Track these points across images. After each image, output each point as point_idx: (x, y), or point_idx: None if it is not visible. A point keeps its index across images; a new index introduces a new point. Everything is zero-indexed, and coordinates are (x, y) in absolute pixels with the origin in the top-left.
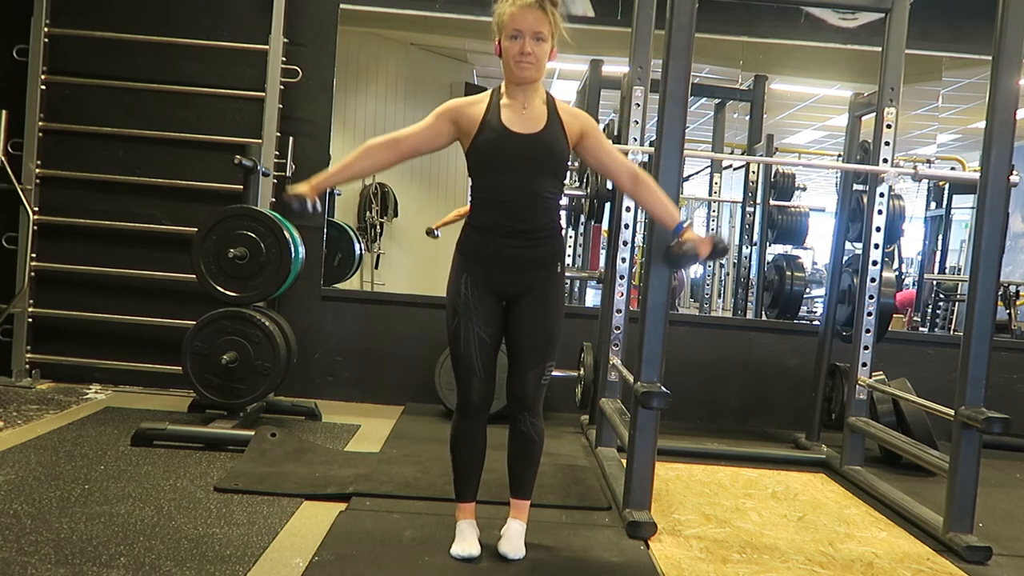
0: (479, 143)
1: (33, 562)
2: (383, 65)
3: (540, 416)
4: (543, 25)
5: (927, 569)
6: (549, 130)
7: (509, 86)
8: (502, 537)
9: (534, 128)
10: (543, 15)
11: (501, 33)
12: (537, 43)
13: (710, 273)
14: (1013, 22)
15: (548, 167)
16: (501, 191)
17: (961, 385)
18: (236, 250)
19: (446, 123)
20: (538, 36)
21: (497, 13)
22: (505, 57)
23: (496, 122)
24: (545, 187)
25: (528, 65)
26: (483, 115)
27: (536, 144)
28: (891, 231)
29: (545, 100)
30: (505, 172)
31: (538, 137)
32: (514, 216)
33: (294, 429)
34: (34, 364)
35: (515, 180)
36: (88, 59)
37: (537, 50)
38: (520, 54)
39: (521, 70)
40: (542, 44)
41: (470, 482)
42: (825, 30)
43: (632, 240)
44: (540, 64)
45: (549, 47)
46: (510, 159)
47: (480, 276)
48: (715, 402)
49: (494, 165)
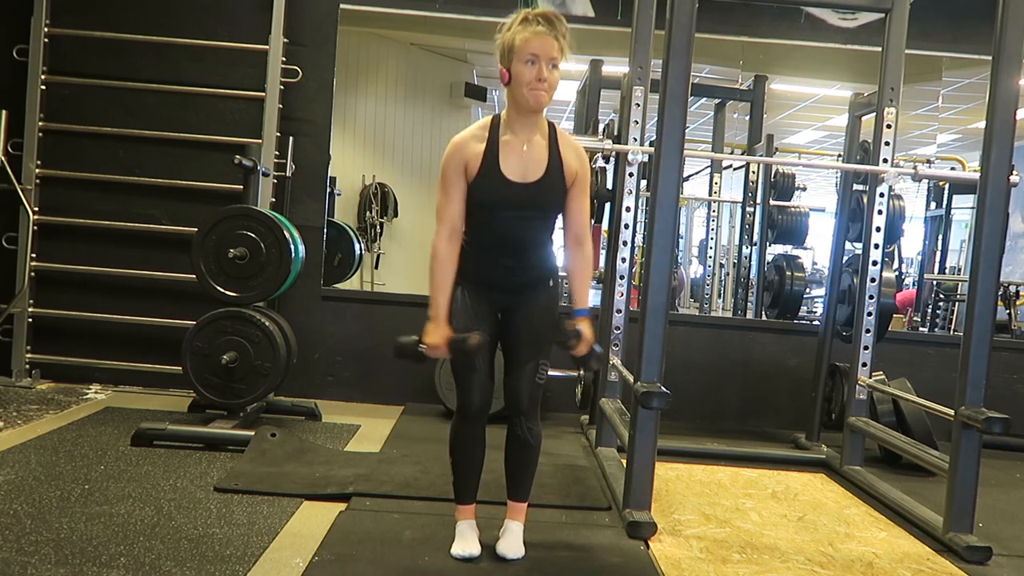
0: (476, 186)
1: (33, 562)
2: (383, 65)
3: (537, 420)
4: (556, 52)
5: (927, 569)
6: (548, 176)
7: (511, 117)
8: (500, 538)
9: (533, 176)
10: (556, 43)
11: (511, 59)
12: (551, 70)
13: (710, 273)
14: (1013, 22)
15: (544, 213)
16: (494, 231)
17: (961, 385)
18: (236, 250)
19: (461, 175)
20: (552, 63)
21: (506, 38)
22: (516, 83)
23: (494, 168)
24: (538, 227)
25: (544, 92)
26: (484, 154)
27: (533, 194)
28: (891, 231)
29: (547, 135)
30: (498, 217)
31: (536, 187)
32: (505, 252)
33: (294, 429)
34: (34, 364)
35: (508, 224)
36: (88, 59)
37: (551, 77)
38: (537, 80)
39: (536, 97)
40: (555, 72)
41: (470, 484)
42: (825, 30)
43: (632, 240)
44: (552, 92)
45: (559, 75)
46: (505, 206)
47: (474, 290)
48: (715, 402)
49: (490, 210)
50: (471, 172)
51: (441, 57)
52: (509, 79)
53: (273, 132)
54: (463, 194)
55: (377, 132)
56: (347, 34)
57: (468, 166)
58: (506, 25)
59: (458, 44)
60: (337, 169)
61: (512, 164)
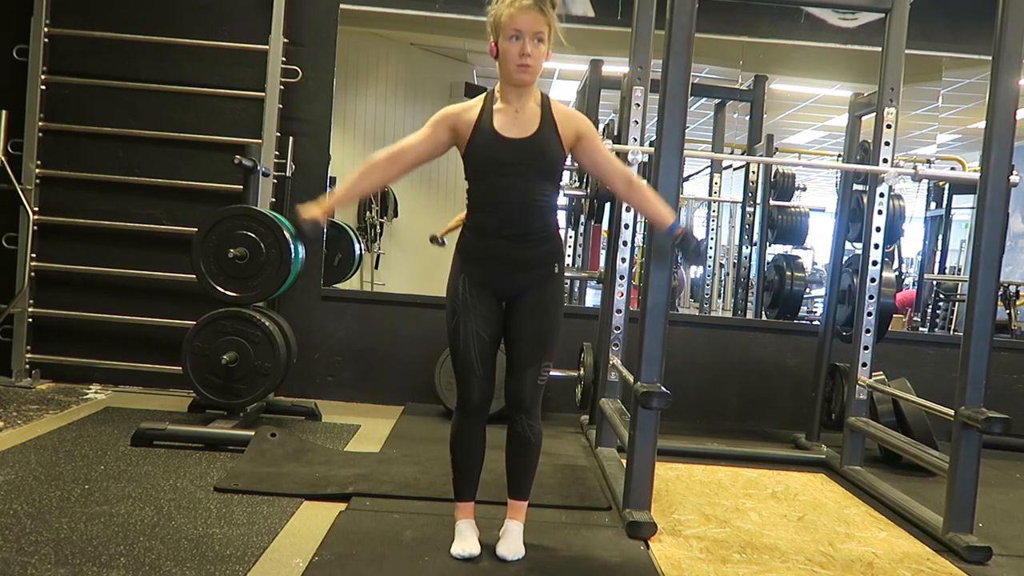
0: (472, 148)
1: (33, 562)
2: (383, 65)
3: (538, 418)
4: (542, 26)
5: (927, 569)
6: (541, 133)
7: (504, 88)
8: (500, 538)
9: (526, 132)
10: (542, 16)
11: (498, 34)
12: (537, 44)
13: (710, 273)
14: (1013, 22)
15: (540, 170)
16: (494, 195)
17: (961, 385)
18: (236, 250)
19: (444, 130)
20: (538, 37)
21: (493, 13)
22: (503, 59)
23: (488, 127)
24: (538, 190)
25: (528, 67)
26: (476, 120)
27: (527, 148)
28: (891, 231)
29: (540, 102)
30: (497, 176)
31: (529, 141)
32: (507, 219)
33: (294, 429)
34: (34, 364)
35: (507, 184)
36: (88, 59)
37: (536, 52)
38: (521, 56)
39: (521, 72)
40: (541, 46)
41: (470, 482)
42: (825, 30)
43: (632, 240)
44: (539, 66)
45: (547, 48)
46: (502, 164)
47: (478, 277)
48: (715, 402)
49: (487, 170)
50: (462, 138)
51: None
52: (497, 53)
53: (273, 132)
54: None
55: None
56: (347, 34)
57: (458, 131)
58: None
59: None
60: (337, 169)
61: (505, 124)
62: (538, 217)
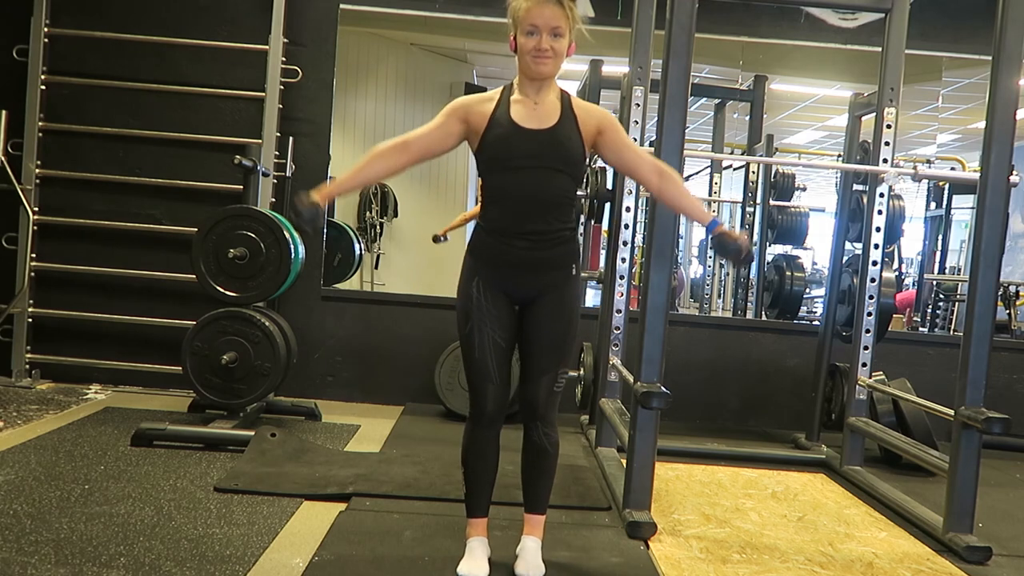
0: (488, 140)
1: (33, 562)
2: (383, 65)
3: (554, 426)
4: (560, 20)
5: (927, 569)
6: (561, 126)
7: (523, 82)
8: (518, 557)
9: (545, 124)
10: (560, 10)
11: (516, 28)
12: (555, 39)
13: (710, 273)
14: (1013, 22)
15: (560, 164)
16: (511, 190)
17: (961, 385)
18: (236, 250)
19: (456, 122)
20: (555, 32)
21: (512, 7)
22: (521, 52)
23: (506, 118)
24: (557, 186)
25: (546, 60)
26: (492, 112)
27: (546, 140)
28: (891, 231)
29: (559, 96)
30: (515, 170)
31: (549, 133)
32: (525, 216)
33: (294, 429)
34: (34, 364)
35: (525, 178)
36: (88, 59)
37: (556, 46)
38: (536, 50)
39: (538, 65)
40: (560, 40)
41: (482, 496)
42: (825, 30)
43: (632, 240)
44: (558, 60)
45: (567, 42)
46: (520, 156)
47: (492, 279)
48: (715, 402)
49: (504, 163)
50: (476, 130)
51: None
52: (516, 48)
53: (273, 132)
54: (440, 136)
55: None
56: (347, 34)
57: (471, 123)
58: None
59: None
60: (337, 169)
61: (524, 115)
62: (557, 215)
